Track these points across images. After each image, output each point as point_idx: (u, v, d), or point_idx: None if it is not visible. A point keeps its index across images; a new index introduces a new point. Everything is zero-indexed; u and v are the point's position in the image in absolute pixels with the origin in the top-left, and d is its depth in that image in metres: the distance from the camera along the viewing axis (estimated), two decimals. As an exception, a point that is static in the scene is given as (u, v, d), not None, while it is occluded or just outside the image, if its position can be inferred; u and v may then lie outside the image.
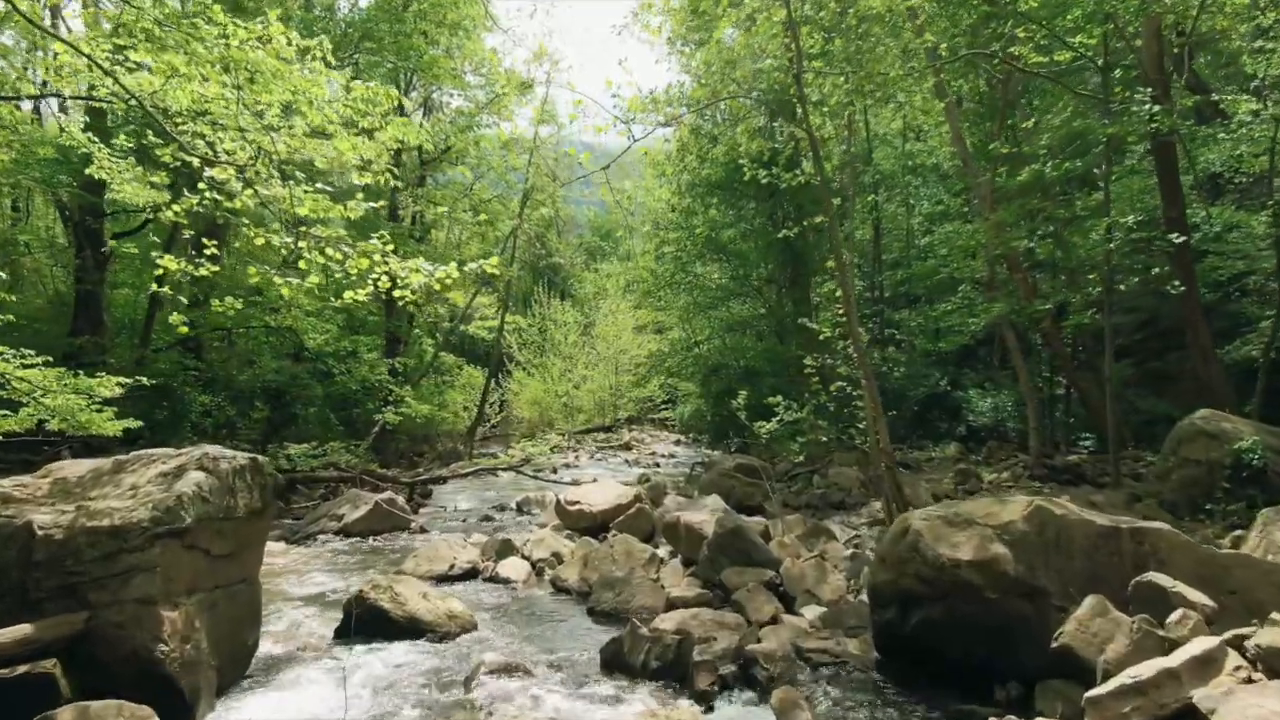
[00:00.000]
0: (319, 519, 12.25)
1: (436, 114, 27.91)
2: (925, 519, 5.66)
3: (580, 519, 11.13)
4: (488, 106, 28.36)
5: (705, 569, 8.55)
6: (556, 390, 32.78)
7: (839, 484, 13.08)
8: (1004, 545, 5.27)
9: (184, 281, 19.47)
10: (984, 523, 5.43)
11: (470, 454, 23.85)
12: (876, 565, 6.07)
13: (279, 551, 10.90)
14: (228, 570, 6.40)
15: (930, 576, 5.44)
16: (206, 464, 6.26)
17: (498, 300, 31.24)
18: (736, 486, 12.78)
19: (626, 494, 11.35)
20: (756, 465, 13.62)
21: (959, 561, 5.32)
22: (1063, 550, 5.20)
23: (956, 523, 5.53)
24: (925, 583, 5.48)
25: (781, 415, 10.09)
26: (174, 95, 6.56)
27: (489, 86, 28.13)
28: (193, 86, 6.30)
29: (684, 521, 9.12)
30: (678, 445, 28.69)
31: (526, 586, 9.08)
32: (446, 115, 26.10)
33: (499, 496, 17.80)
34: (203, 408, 18.00)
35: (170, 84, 6.43)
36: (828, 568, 8.07)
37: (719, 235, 18.63)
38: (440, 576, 9.26)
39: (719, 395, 19.97)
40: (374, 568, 10.04)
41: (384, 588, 7.40)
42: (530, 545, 10.11)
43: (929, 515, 5.71)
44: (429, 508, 16.35)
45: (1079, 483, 11.81)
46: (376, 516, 11.90)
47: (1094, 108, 10.74)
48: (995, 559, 5.24)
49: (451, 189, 30.55)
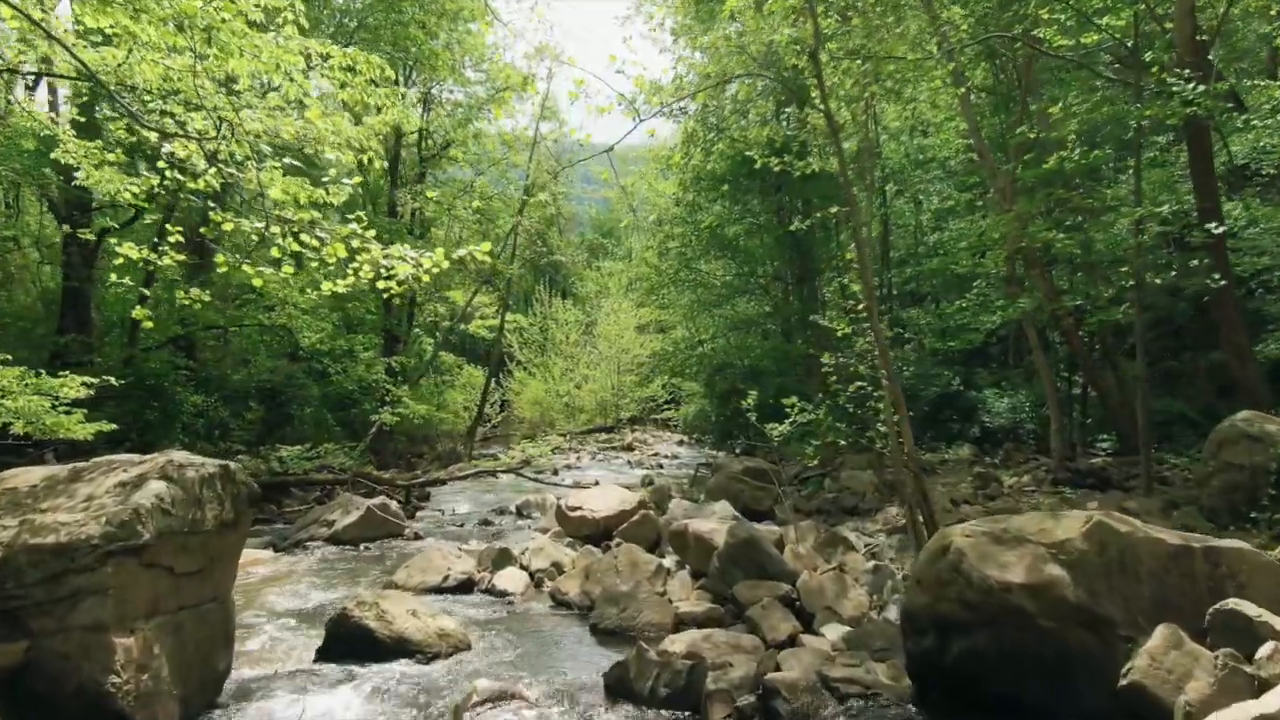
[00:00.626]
0: (309, 525, 11.63)
1: (437, 109, 27.26)
2: (968, 536, 5.01)
3: (582, 526, 10.50)
4: (488, 102, 27.75)
5: (716, 582, 7.92)
6: (558, 390, 32.16)
7: (851, 488, 12.44)
8: (1061, 566, 4.64)
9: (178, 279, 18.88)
10: (1037, 540, 4.79)
11: (470, 455, 23.21)
12: (912, 587, 5.43)
13: (266, 560, 10.30)
14: (195, 589, 5.78)
15: (975, 601, 4.80)
16: (170, 472, 5.64)
17: (498, 299, 30.60)
18: (745, 490, 12.16)
19: (630, 499, 10.71)
20: (765, 468, 13.00)
21: (1009, 585, 4.68)
22: (1128, 573, 4.56)
23: (1005, 540, 4.89)
24: (969, 608, 4.84)
25: (795, 417, 9.45)
26: (140, 70, 5.94)
27: (489, 82, 27.54)
28: (156, 57, 5.67)
29: (692, 530, 8.50)
30: (680, 446, 28.05)
31: (525, 599, 8.46)
32: (445, 108, 25.38)
33: (499, 499, 17.23)
34: (194, 408, 17.39)
35: (133, 57, 5.82)
36: (848, 581, 7.44)
37: (724, 231, 17.99)
38: (434, 588, 8.65)
39: (724, 395, 19.36)
40: (364, 578, 9.42)
41: (369, 605, 6.77)
42: (529, 554, 9.48)
43: (972, 531, 5.06)
44: (426, 511, 15.78)
45: (1104, 487, 11.16)
46: (368, 523, 11.28)
47: (1124, 92, 10.10)
48: (1051, 582, 4.60)
49: (452, 186, 29.95)
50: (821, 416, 9.20)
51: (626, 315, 33.20)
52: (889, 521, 10.53)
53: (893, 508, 11.28)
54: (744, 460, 13.43)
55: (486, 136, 28.11)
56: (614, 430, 31.79)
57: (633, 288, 29.55)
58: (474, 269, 31.04)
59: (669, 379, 23.57)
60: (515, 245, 28.73)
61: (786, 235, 17.03)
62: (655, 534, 10.16)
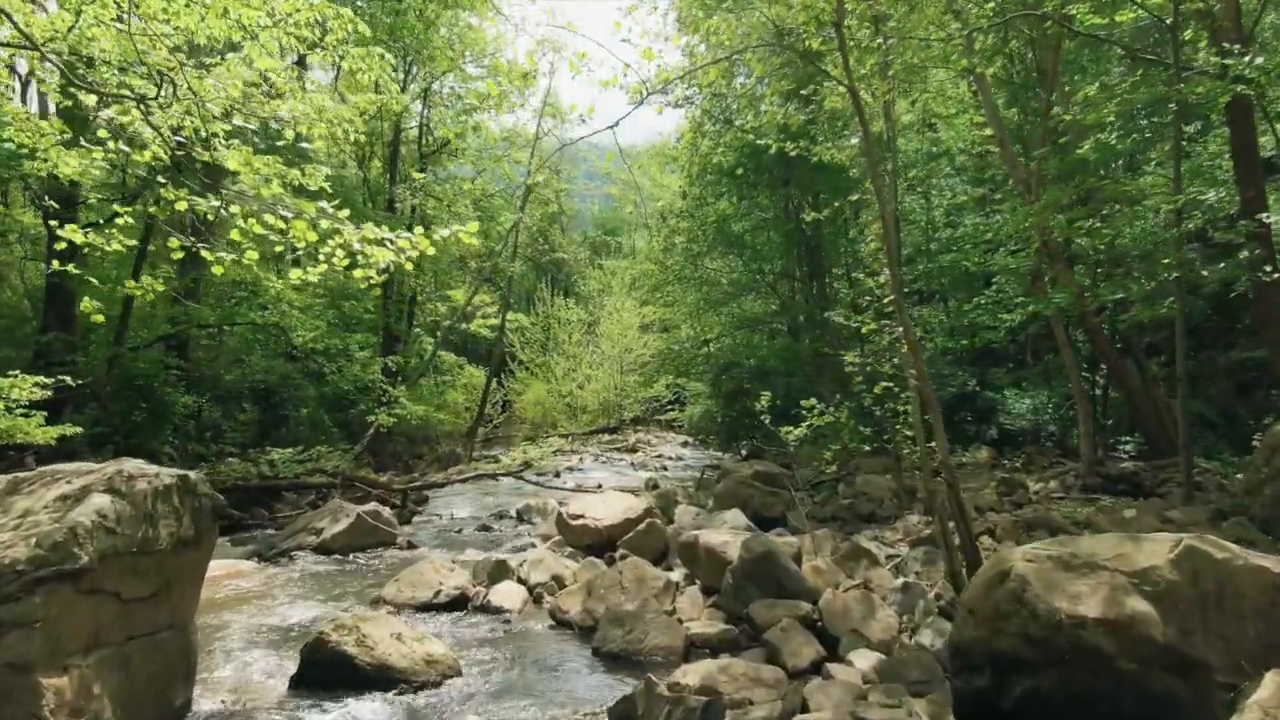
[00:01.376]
0: (297, 533, 10.93)
1: (437, 104, 26.56)
2: (1031, 560, 4.30)
3: (584, 535, 9.79)
4: (489, 98, 27.05)
5: (729, 600, 7.22)
6: (560, 390, 31.44)
7: (868, 494, 11.72)
8: (1145, 599, 3.93)
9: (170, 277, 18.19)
10: (1114, 567, 4.08)
11: (470, 456, 22.50)
12: (963, 618, 4.71)
13: (247, 571, 9.60)
14: (148, 616, 5.10)
15: (1040, 637, 4.10)
16: (118, 485, 4.95)
17: (499, 298, 29.89)
18: (755, 496, 11.43)
19: (636, 506, 9.99)
20: (777, 472, 12.29)
21: (1082, 619, 3.97)
22: (1227, 608, 3.86)
23: (1075, 566, 4.18)
24: (1033, 644, 4.14)
25: (812, 420, 8.75)
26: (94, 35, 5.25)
27: (490, 76, 26.85)
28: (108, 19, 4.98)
29: (703, 543, 7.79)
30: (685, 447, 27.32)
31: (522, 617, 7.76)
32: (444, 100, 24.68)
33: (498, 503, 16.57)
34: (186, 409, 16.71)
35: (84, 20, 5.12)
36: (875, 601, 6.73)
37: (731, 226, 17.26)
38: (424, 605, 7.95)
39: (730, 395, 18.64)
40: (351, 593, 8.72)
41: (349, 628, 6.07)
42: (527, 566, 8.78)
43: (1036, 555, 4.35)
44: (423, 516, 15.12)
45: (1136, 493, 10.45)
46: (358, 531, 10.57)
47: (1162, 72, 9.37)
48: (1133, 618, 3.89)
49: (453, 184, 29.26)
50: (843, 419, 8.51)
51: (630, 314, 32.47)
52: (910, 531, 9.82)
53: (913, 515, 10.58)
54: (753, 464, 12.71)
55: (487, 132, 27.47)
56: (617, 431, 31.08)
57: (637, 285, 28.80)
58: (474, 266, 30.42)
59: (674, 379, 22.82)
60: (516, 243, 28.01)
61: (795, 231, 16.32)
62: (662, 544, 9.46)
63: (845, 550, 8.18)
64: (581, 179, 36.96)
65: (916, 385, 7.16)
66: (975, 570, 6.69)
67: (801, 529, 10.46)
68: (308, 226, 4.53)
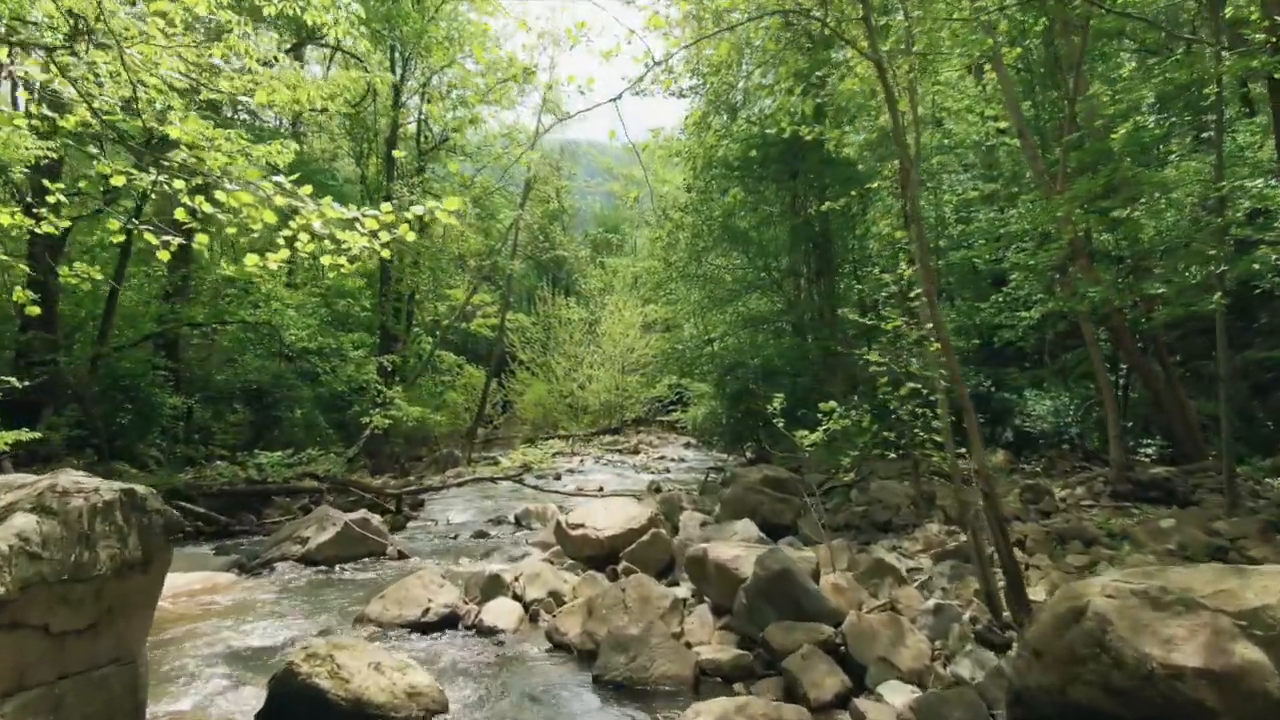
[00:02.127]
0: (281, 541, 10.26)
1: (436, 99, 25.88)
2: (1112, 596, 3.62)
3: (584, 546, 9.10)
4: (488, 93, 26.40)
5: (742, 621, 6.55)
6: (561, 391, 30.74)
7: (883, 500, 11.01)
8: (1257, 646, 3.25)
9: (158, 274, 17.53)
10: (1216, 606, 3.41)
11: (469, 458, 21.84)
12: (1027, 660, 4.03)
13: (225, 585, 8.93)
14: (84, 650, 4.43)
15: (1127, 688, 3.42)
16: (49, 501, 4.29)
17: (499, 297, 29.20)
18: (765, 502, 10.76)
19: (639, 515, 9.30)
20: (786, 478, 11.60)
21: (1179, 669, 3.30)
22: (1361, 658, 3.17)
23: (1166, 604, 3.50)
24: (1117, 696, 3.46)
25: (829, 423, 8.07)
26: None
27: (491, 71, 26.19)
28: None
29: (713, 558, 7.10)
30: (688, 449, 26.65)
31: (517, 638, 7.08)
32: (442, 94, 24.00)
33: (496, 507, 15.95)
34: (174, 410, 16.05)
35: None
36: (904, 624, 6.05)
37: (736, 222, 16.57)
38: (411, 624, 7.28)
39: (735, 396, 17.95)
40: (333, 609, 8.05)
41: (322, 658, 5.39)
42: (523, 581, 8.10)
43: (1117, 590, 3.67)
44: (419, 520, 14.50)
45: (1170, 500, 9.75)
46: (346, 540, 9.90)
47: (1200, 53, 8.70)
48: (1244, 669, 3.22)
49: (453, 181, 28.61)
50: (866, 423, 7.84)
51: (632, 313, 31.79)
52: (931, 542, 9.14)
53: (932, 524, 9.90)
54: (762, 468, 12.01)
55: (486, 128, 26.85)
56: (619, 432, 30.41)
57: (640, 283, 28.08)
58: (474, 265, 29.75)
59: (677, 380, 22.13)
60: (516, 240, 27.33)
61: (803, 226, 15.65)
62: (667, 556, 8.78)
63: (867, 565, 7.51)
64: (583, 175, 36.26)
65: (949, 386, 6.48)
66: (1016, 590, 6.02)
67: (814, 538, 9.79)
68: (261, 204, 3.87)
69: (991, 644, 5.79)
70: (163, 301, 16.59)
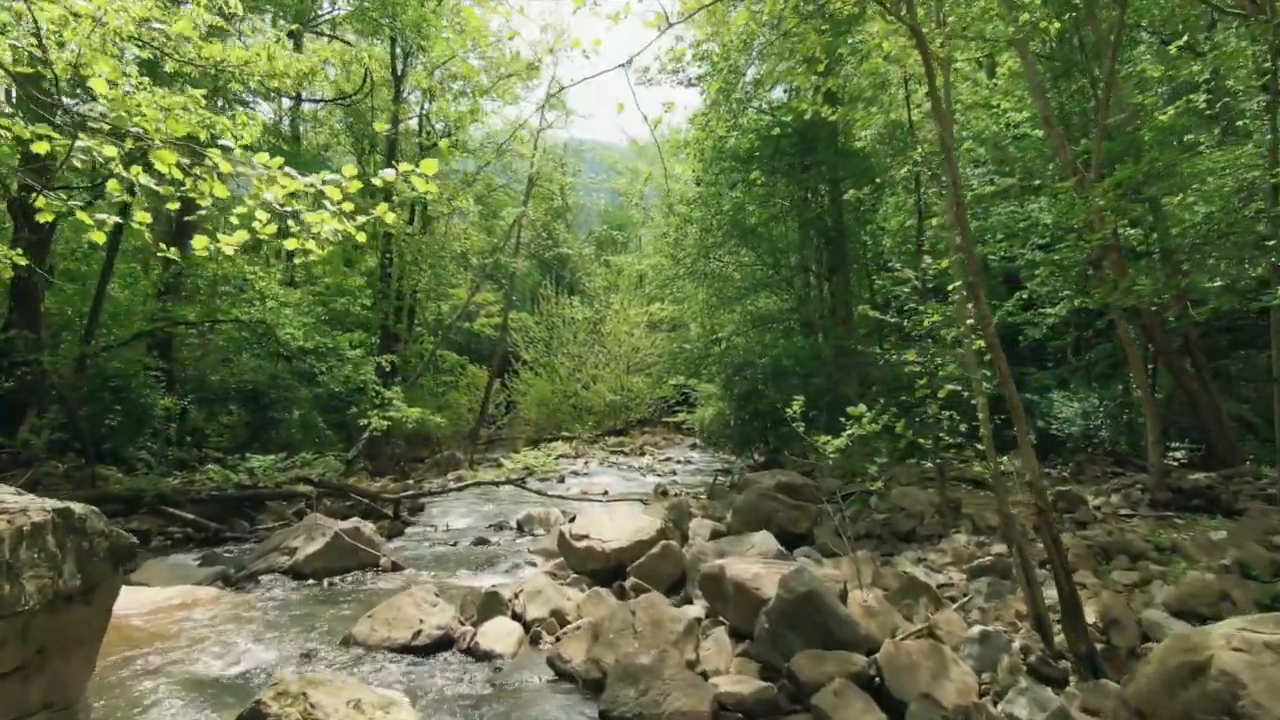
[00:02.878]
0: (269, 552, 9.59)
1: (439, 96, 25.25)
2: (1241, 649, 2.95)
3: (589, 559, 8.43)
4: (492, 89, 25.77)
5: (765, 648, 5.87)
6: (564, 391, 30.06)
7: (906, 508, 10.32)
8: None
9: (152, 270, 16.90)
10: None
11: (470, 460, 21.20)
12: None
13: (206, 600, 8.26)
14: (11, 697, 3.78)
15: (1265, 767, 2.74)
16: (-38, 525, 3.63)
17: (503, 296, 28.53)
18: (780, 510, 10.10)
19: (647, 526, 8.62)
20: (801, 483, 10.93)
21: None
22: None
23: (1313, 661, 2.82)
24: (1250, 775, 2.78)
25: (854, 428, 7.39)
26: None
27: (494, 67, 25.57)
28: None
29: (731, 577, 6.43)
30: (694, 450, 26.01)
31: (516, 664, 6.41)
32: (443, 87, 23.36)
33: (498, 511, 15.33)
34: (166, 412, 15.40)
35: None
36: (946, 654, 5.37)
37: (745, 218, 15.87)
38: (401, 648, 6.62)
39: (743, 398, 17.25)
40: (318, 628, 7.39)
41: (293, 696, 4.72)
42: (523, 598, 7.43)
43: (1249, 643, 2.99)
44: (417, 526, 13.87)
45: (1213, 509, 9.05)
46: (335, 552, 9.23)
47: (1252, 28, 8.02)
48: None
49: (455, 179, 27.99)
50: (900, 428, 7.17)
51: (637, 312, 31.10)
52: (960, 554, 8.45)
53: (960, 534, 9.22)
54: (775, 473, 11.32)
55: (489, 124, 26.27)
56: (624, 433, 29.74)
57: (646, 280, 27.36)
58: (477, 263, 29.11)
59: (685, 380, 21.44)
60: (519, 236, 26.65)
61: (815, 221, 14.96)
62: (678, 570, 8.10)
63: (898, 584, 6.83)
64: (588, 171, 35.55)
65: (991, 388, 5.81)
66: (1073, 617, 5.34)
67: (834, 548, 9.13)
68: (208, 174, 3.21)
69: (1047, 678, 5.13)
70: (157, 299, 15.97)
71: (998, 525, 9.37)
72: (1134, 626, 6.04)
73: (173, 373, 16.55)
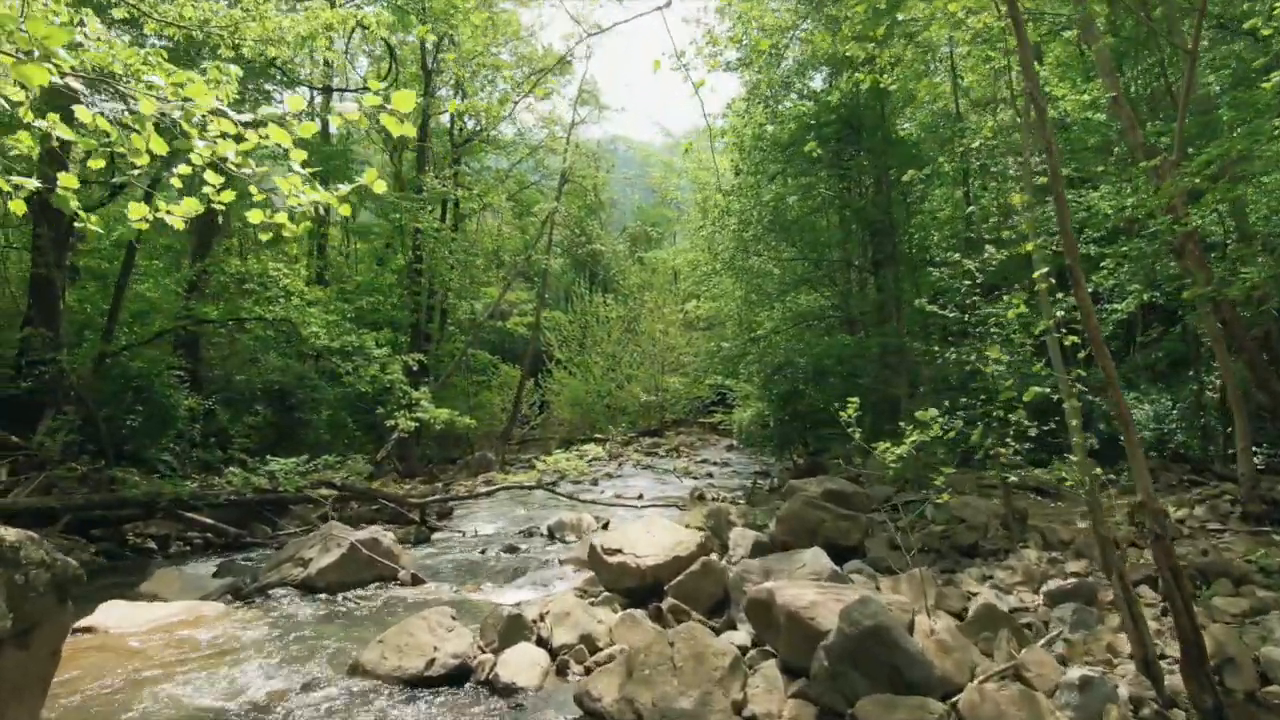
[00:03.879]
0: (283, 563, 8.95)
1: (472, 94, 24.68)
2: None
3: (622, 575, 7.65)
4: (523, 84, 25.13)
5: (823, 688, 5.06)
6: (598, 391, 29.33)
7: (966, 519, 9.40)
8: None
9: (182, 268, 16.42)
10: None
11: (502, 461, 20.53)
12: None
13: (210, 617, 7.62)
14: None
15: None
16: None
17: (535, 294, 27.87)
18: (827, 520, 9.23)
19: (686, 541, 7.81)
20: (850, 491, 10.07)
21: None
22: None
23: None
24: None
25: (916, 435, 6.52)
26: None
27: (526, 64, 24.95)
28: None
29: (783, 604, 5.61)
30: (730, 451, 25.10)
31: (540, 700, 5.65)
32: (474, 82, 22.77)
33: (528, 516, 14.68)
34: (190, 412, 14.89)
35: None
36: (1040, 703, 4.54)
37: (786, 210, 14.94)
38: (412, 679, 5.89)
39: (783, 398, 16.36)
40: (327, 651, 6.69)
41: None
42: (549, 620, 6.67)
43: None
44: (445, 532, 13.24)
45: (1314, 524, 8.05)
46: (351, 564, 8.54)
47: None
48: None
49: (487, 176, 27.41)
50: (976, 435, 6.32)
51: (672, 310, 30.25)
52: (1032, 573, 7.56)
53: (1029, 550, 8.32)
54: (822, 481, 10.44)
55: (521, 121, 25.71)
56: (659, 434, 28.92)
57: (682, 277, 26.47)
58: (509, 261, 28.50)
59: (722, 381, 20.52)
60: (550, 234, 25.95)
61: (861, 213, 14.02)
62: (720, 590, 7.28)
63: (975, 614, 5.96)
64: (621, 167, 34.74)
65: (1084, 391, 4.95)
66: (1195, 662, 4.45)
67: (888, 563, 8.29)
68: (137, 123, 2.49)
69: (1165, 736, 4.26)
70: (184, 297, 15.48)
71: (1069, 540, 8.45)
72: (1251, 666, 5.15)
73: (199, 372, 16.07)
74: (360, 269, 26.21)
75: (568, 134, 24.79)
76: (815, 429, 16.59)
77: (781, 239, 15.79)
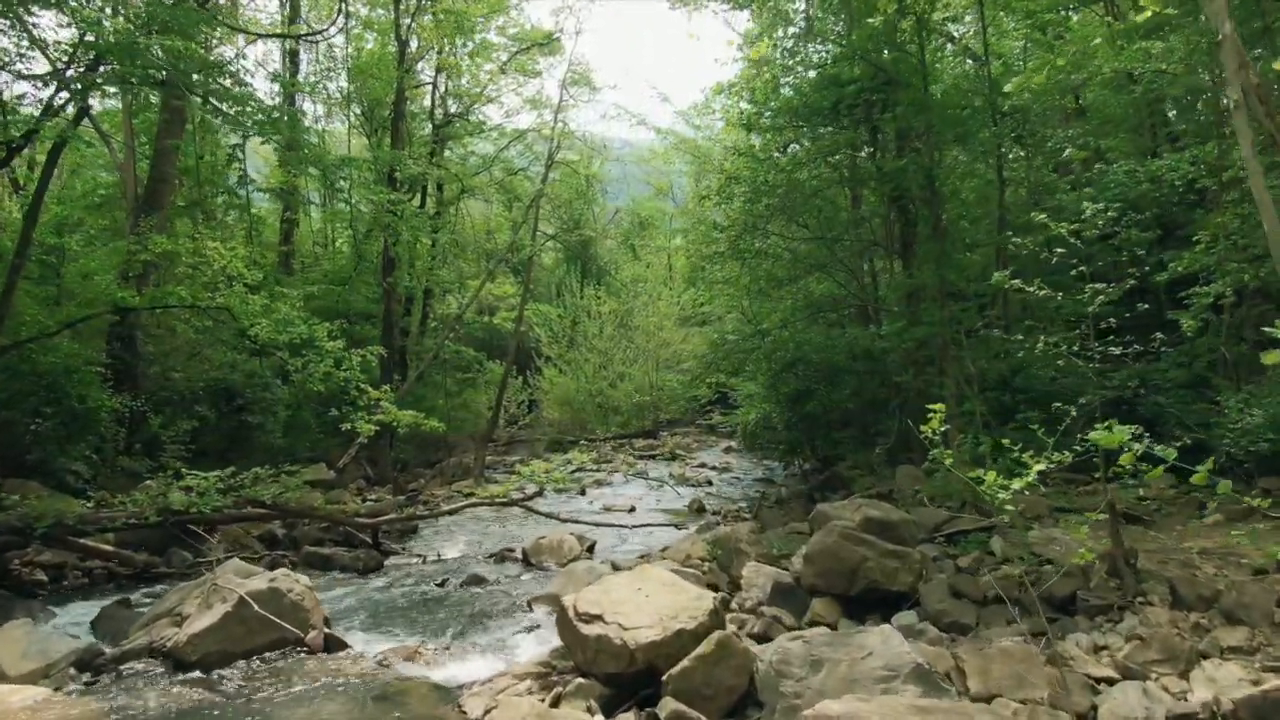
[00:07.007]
0: (158, 618, 6.57)
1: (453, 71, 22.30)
2: None
3: (602, 655, 5.19)
4: (509, 63, 22.80)
5: None
6: (590, 389, 26.99)
7: (1053, 559, 6.97)
8: None
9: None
10: None
11: (480, 468, 18.12)
12: None
13: (32, 708, 5.17)
14: None
15: None
16: None
17: (520, 285, 25.51)
18: (870, 558, 6.84)
19: (692, 606, 5.33)
20: (896, 520, 7.71)
21: None
22: None
23: None
24: None
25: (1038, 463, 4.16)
26: None
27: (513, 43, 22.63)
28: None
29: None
30: (729, 454, 22.74)
31: None
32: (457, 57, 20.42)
33: (503, 534, 12.58)
34: (113, 415, 12.49)
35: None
36: None
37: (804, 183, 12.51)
38: None
39: (793, 399, 14.05)
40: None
41: None
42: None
43: None
44: (402, 556, 11.09)
45: None
46: (238, 626, 6.09)
47: None
48: None
49: (472, 163, 25.06)
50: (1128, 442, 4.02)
51: (667, 304, 27.93)
52: (1170, 647, 5.23)
53: (1155, 607, 5.94)
54: (861, 506, 8.02)
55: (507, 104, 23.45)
56: (654, 435, 26.54)
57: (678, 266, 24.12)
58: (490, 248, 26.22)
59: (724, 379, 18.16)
60: (536, 219, 23.55)
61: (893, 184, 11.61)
62: (742, 682, 4.89)
63: None
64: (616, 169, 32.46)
65: None
66: None
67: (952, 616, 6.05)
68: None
69: None
70: (122, 283, 13.04)
71: (1211, 596, 6.05)
72: None
73: (136, 370, 13.63)
74: (337, 258, 23.89)
75: (554, 115, 22.39)
76: (827, 432, 14.31)
77: (796, 218, 13.39)
